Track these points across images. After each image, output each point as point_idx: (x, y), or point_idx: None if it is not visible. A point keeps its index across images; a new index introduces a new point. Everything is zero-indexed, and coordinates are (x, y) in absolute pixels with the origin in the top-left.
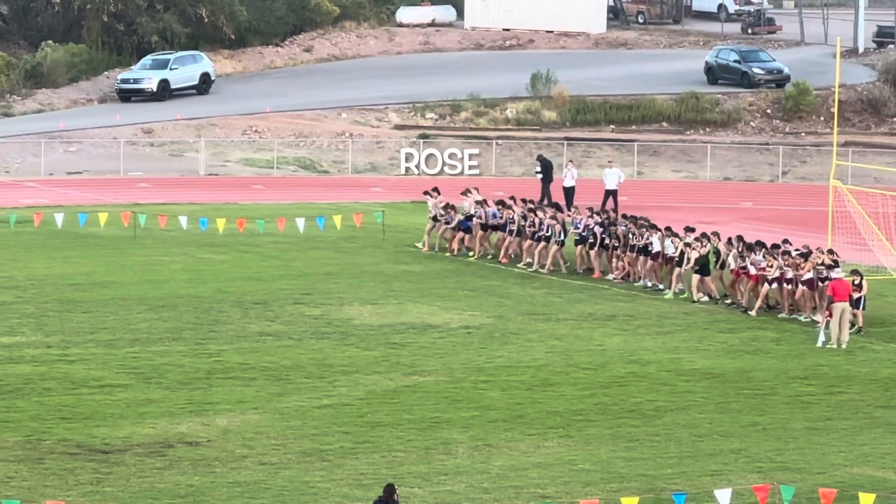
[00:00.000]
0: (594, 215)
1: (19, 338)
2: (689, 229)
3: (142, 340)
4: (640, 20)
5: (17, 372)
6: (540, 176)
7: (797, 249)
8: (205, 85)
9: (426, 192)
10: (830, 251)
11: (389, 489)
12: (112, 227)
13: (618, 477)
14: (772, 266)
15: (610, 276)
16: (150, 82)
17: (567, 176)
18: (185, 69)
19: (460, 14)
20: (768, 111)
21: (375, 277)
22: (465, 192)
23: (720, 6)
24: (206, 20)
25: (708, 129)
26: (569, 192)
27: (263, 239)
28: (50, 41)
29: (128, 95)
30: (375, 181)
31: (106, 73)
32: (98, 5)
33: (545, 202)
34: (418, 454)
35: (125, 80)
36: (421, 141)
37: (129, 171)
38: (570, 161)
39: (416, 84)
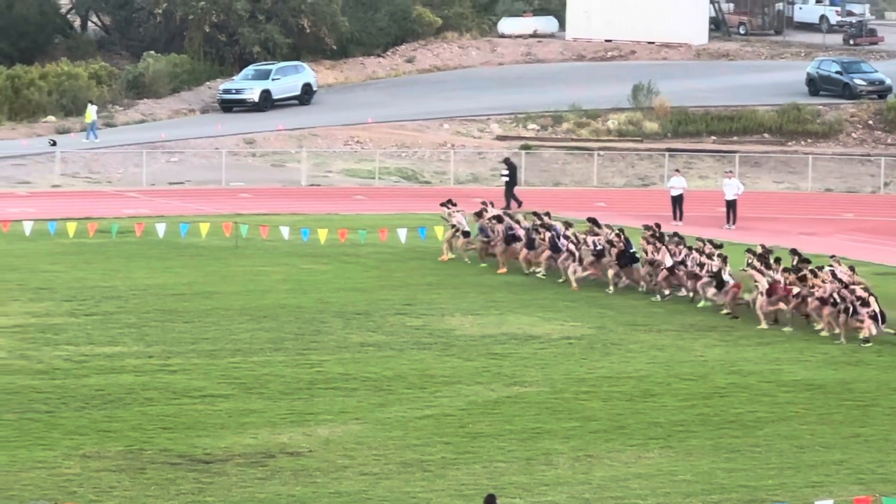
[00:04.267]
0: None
1: (121, 348)
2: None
3: (243, 351)
4: (742, 31)
5: (119, 382)
6: (506, 179)
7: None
8: (307, 95)
9: (443, 204)
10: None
11: (490, 500)
12: (214, 238)
13: (718, 488)
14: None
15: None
16: (252, 93)
17: (673, 185)
18: (287, 80)
19: (562, 25)
20: (870, 122)
21: (477, 288)
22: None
23: (822, 17)
24: (307, 31)
25: (809, 141)
26: (676, 201)
27: (365, 249)
28: (152, 51)
29: (229, 106)
30: (477, 192)
31: (208, 83)
32: (200, 16)
33: (509, 206)
34: (519, 465)
35: (227, 91)
36: (523, 152)
37: (230, 182)
38: (677, 170)
39: (518, 95)
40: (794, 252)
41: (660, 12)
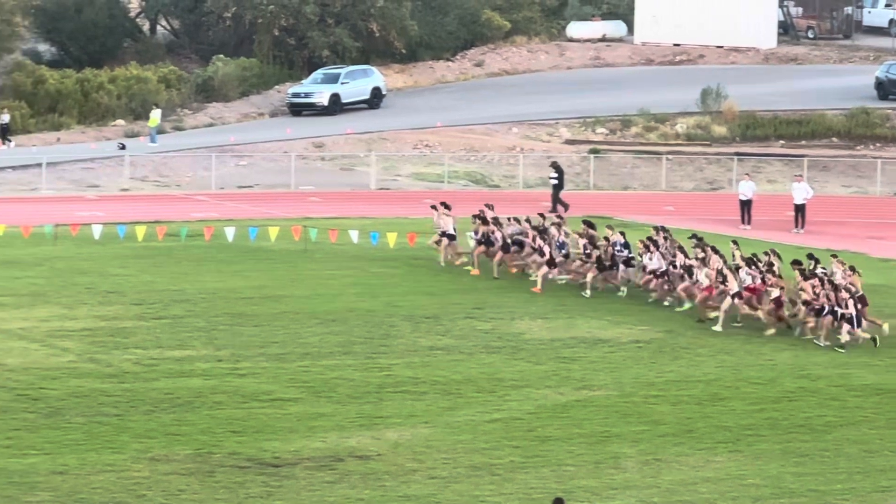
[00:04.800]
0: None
1: (190, 351)
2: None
3: (312, 354)
4: (810, 35)
5: (188, 385)
6: (554, 183)
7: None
8: (376, 99)
9: (433, 207)
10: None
11: (558, 503)
12: (283, 241)
13: (787, 492)
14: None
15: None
16: (321, 96)
17: (743, 189)
18: (356, 83)
19: (630, 29)
20: None
21: (546, 291)
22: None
23: (891, 21)
24: (377, 34)
25: (878, 145)
26: (745, 205)
27: (434, 253)
28: (221, 55)
29: (299, 109)
30: (545, 196)
31: (277, 87)
32: (269, 20)
33: (555, 210)
34: (588, 468)
35: (296, 95)
36: (592, 156)
37: (299, 185)
38: (747, 174)
39: (587, 99)
40: (810, 256)
41: (728, 16)
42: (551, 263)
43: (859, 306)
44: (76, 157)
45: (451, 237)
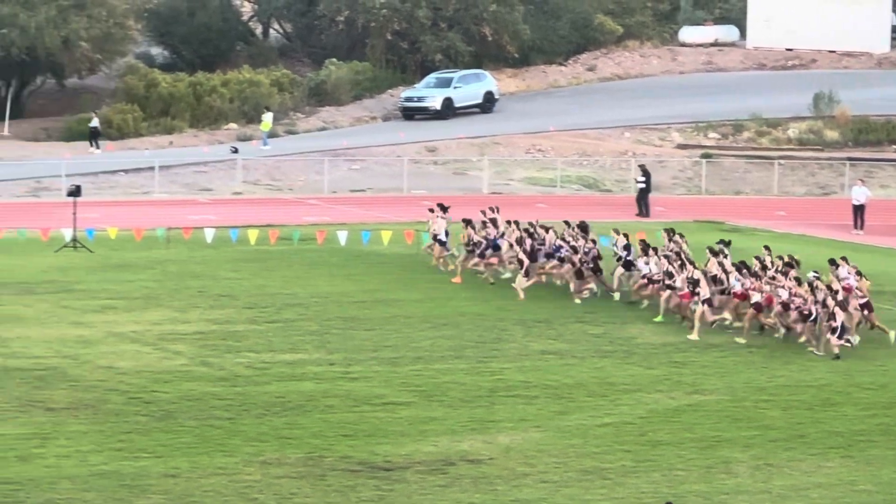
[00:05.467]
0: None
1: (302, 355)
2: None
3: (424, 358)
4: None
5: (300, 389)
6: (641, 186)
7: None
8: (488, 103)
9: (431, 210)
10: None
11: None
12: (395, 245)
13: None
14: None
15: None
16: (434, 101)
17: (856, 194)
18: (469, 87)
19: (743, 33)
20: None
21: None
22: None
23: None
24: (489, 39)
25: None
26: (857, 210)
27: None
28: (334, 59)
29: (411, 113)
30: (657, 200)
31: (389, 91)
32: (382, 23)
33: (641, 213)
34: (699, 473)
35: (409, 99)
36: (704, 160)
37: (412, 189)
38: (860, 179)
39: (699, 103)
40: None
41: (841, 21)
42: (527, 273)
43: (865, 312)
44: (189, 160)
45: (442, 242)
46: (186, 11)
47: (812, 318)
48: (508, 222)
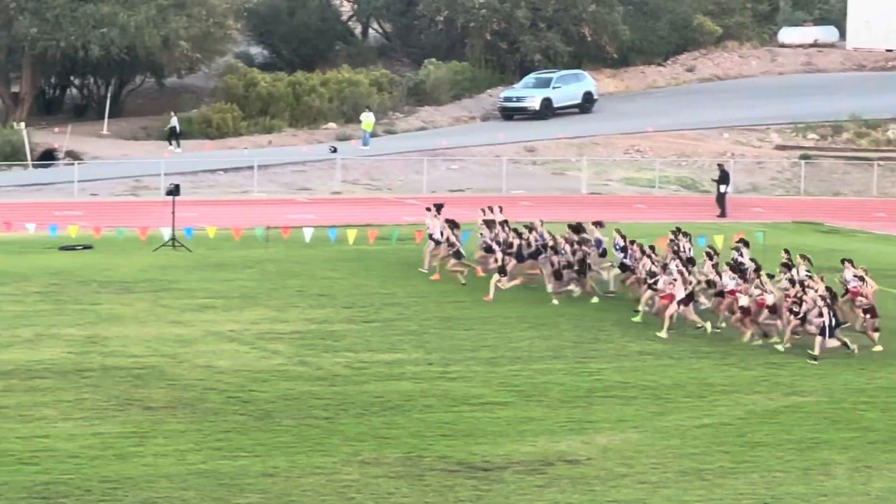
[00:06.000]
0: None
1: (401, 355)
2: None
3: (523, 358)
4: None
5: (399, 389)
6: (722, 186)
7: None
8: (587, 103)
9: (427, 209)
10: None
11: None
12: None
13: None
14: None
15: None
16: (533, 101)
17: None
18: (568, 88)
19: (842, 34)
20: None
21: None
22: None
23: None
24: (588, 39)
25: None
26: None
27: None
28: (433, 59)
29: (510, 113)
30: (756, 201)
31: (488, 91)
32: (481, 23)
33: (723, 212)
34: (797, 475)
35: (508, 99)
36: (803, 161)
37: (510, 189)
38: None
39: (798, 104)
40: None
41: None
42: (502, 271)
43: (867, 317)
44: (287, 159)
45: (437, 242)
46: (286, 11)
47: (800, 316)
48: (502, 223)
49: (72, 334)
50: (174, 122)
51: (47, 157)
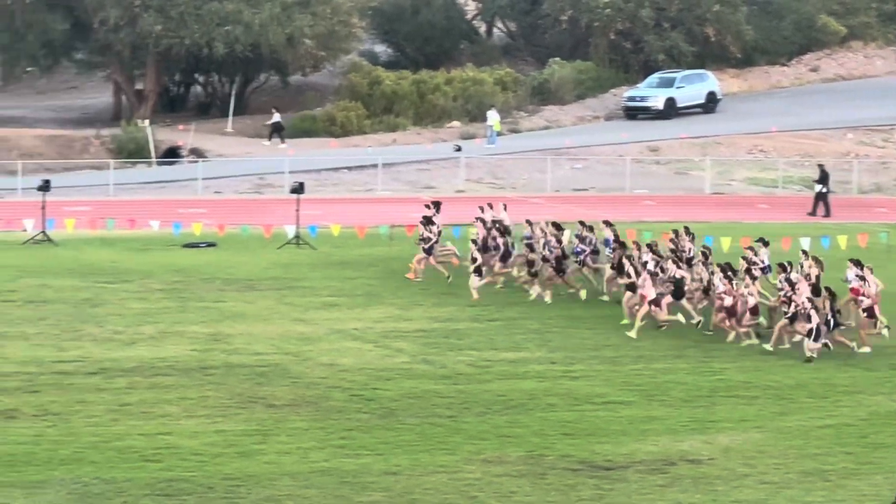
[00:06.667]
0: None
1: (524, 353)
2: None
3: (645, 358)
4: None
5: (522, 387)
6: (823, 189)
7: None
8: (711, 103)
9: (427, 206)
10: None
11: None
12: None
13: None
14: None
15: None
16: (657, 100)
17: None
18: (691, 88)
19: None
20: None
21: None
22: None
23: None
24: (712, 39)
25: None
26: None
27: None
28: (557, 58)
29: (634, 113)
30: (880, 202)
31: (612, 90)
32: (606, 23)
33: (824, 212)
34: None
35: (631, 98)
36: None
37: (634, 189)
38: None
39: None
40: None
41: None
42: (478, 271)
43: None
44: (412, 158)
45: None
46: (410, 9)
47: (788, 316)
48: (494, 223)
49: (195, 332)
50: (277, 117)
51: (171, 154)
